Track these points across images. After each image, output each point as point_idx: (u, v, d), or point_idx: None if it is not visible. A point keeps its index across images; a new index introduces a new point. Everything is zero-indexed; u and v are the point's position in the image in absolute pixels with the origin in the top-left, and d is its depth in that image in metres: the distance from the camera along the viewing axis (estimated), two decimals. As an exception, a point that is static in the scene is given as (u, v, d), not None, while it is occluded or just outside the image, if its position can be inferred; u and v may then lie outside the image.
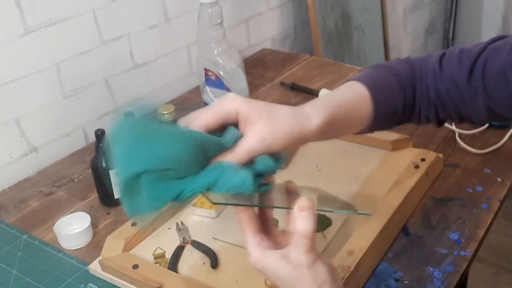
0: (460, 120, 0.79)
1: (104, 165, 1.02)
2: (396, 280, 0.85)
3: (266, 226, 0.63)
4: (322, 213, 0.61)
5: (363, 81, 0.75)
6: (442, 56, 0.78)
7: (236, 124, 0.61)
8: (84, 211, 1.02)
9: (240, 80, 1.33)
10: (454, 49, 0.78)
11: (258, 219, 0.62)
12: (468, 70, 0.74)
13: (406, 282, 0.85)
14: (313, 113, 0.64)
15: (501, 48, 0.72)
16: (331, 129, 0.67)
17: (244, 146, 0.59)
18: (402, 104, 0.77)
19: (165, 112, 1.10)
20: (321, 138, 0.67)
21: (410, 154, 1.09)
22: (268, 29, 1.80)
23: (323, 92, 1.38)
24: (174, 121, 1.06)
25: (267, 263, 0.58)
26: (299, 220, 0.57)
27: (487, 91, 0.73)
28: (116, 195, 1.05)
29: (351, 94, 0.73)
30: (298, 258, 0.57)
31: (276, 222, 0.97)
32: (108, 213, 1.05)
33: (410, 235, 0.94)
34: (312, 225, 0.57)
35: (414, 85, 0.77)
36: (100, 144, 1.02)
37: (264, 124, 0.60)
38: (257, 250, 0.59)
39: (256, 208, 0.63)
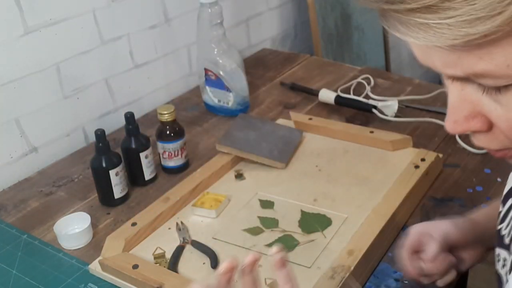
0: None
1: (104, 165, 1.02)
2: (396, 280, 0.85)
3: None
4: None
5: None
6: None
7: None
8: (84, 211, 1.02)
9: (240, 80, 1.33)
10: None
11: None
12: None
13: (406, 282, 0.85)
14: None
15: None
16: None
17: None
18: None
19: (165, 112, 1.10)
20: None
21: (410, 154, 1.09)
22: (268, 29, 1.80)
23: (323, 92, 1.38)
24: (174, 121, 1.06)
25: None
26: None
27: None
28: (116, 195, 1.05)
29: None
30: None
31: (276, 222, 0.97)
32: (108, 213, 1.05)
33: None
34: None
35: None
36: (100, 144, 1.02)
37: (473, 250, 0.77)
38: None
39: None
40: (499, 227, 0.64)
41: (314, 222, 0.96)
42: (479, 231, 0.77)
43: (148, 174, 1.11)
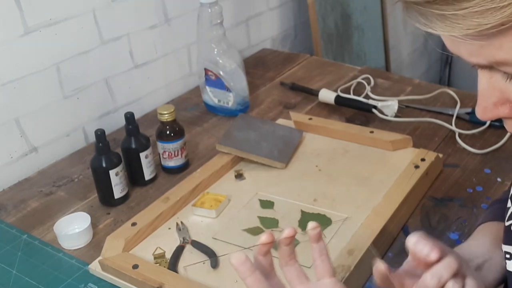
0: None
1: (104, 165, 1.02)
2: (396, 280, 0.85)
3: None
4: None
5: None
6: None
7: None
8: (84, 211, 1.02)
9: (240, 80, 1.33)
10: None
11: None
12: None
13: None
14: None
15: None
16: None
17: None
18: None
19: (165, 112, 1.10)
20: None
21: (410, 154, 1.09)
22: (268, 29, 1.80)
23: (323, 92, 1.38)
24: (174, 121, 1.06)
25: None
26: None
27: None
28: (116, 195, 1.05)
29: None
30: None
31: (276, 222, 0.97)
32: (108, 213, 1.05)
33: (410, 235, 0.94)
34: None
35: None
36: (100, 144, 1.02)
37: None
38: None
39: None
40: (508, 223, 0.64)
41: (314, 222, 0.96)
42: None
43: (148, 174, 1.11)
